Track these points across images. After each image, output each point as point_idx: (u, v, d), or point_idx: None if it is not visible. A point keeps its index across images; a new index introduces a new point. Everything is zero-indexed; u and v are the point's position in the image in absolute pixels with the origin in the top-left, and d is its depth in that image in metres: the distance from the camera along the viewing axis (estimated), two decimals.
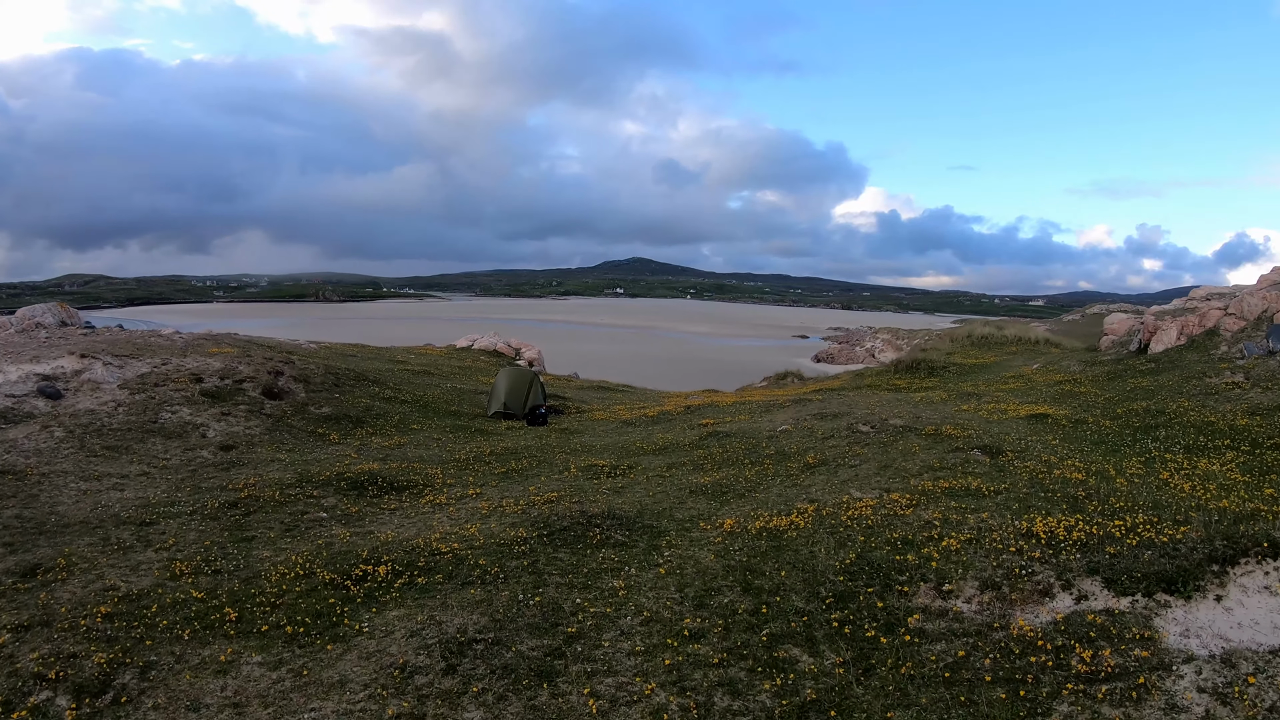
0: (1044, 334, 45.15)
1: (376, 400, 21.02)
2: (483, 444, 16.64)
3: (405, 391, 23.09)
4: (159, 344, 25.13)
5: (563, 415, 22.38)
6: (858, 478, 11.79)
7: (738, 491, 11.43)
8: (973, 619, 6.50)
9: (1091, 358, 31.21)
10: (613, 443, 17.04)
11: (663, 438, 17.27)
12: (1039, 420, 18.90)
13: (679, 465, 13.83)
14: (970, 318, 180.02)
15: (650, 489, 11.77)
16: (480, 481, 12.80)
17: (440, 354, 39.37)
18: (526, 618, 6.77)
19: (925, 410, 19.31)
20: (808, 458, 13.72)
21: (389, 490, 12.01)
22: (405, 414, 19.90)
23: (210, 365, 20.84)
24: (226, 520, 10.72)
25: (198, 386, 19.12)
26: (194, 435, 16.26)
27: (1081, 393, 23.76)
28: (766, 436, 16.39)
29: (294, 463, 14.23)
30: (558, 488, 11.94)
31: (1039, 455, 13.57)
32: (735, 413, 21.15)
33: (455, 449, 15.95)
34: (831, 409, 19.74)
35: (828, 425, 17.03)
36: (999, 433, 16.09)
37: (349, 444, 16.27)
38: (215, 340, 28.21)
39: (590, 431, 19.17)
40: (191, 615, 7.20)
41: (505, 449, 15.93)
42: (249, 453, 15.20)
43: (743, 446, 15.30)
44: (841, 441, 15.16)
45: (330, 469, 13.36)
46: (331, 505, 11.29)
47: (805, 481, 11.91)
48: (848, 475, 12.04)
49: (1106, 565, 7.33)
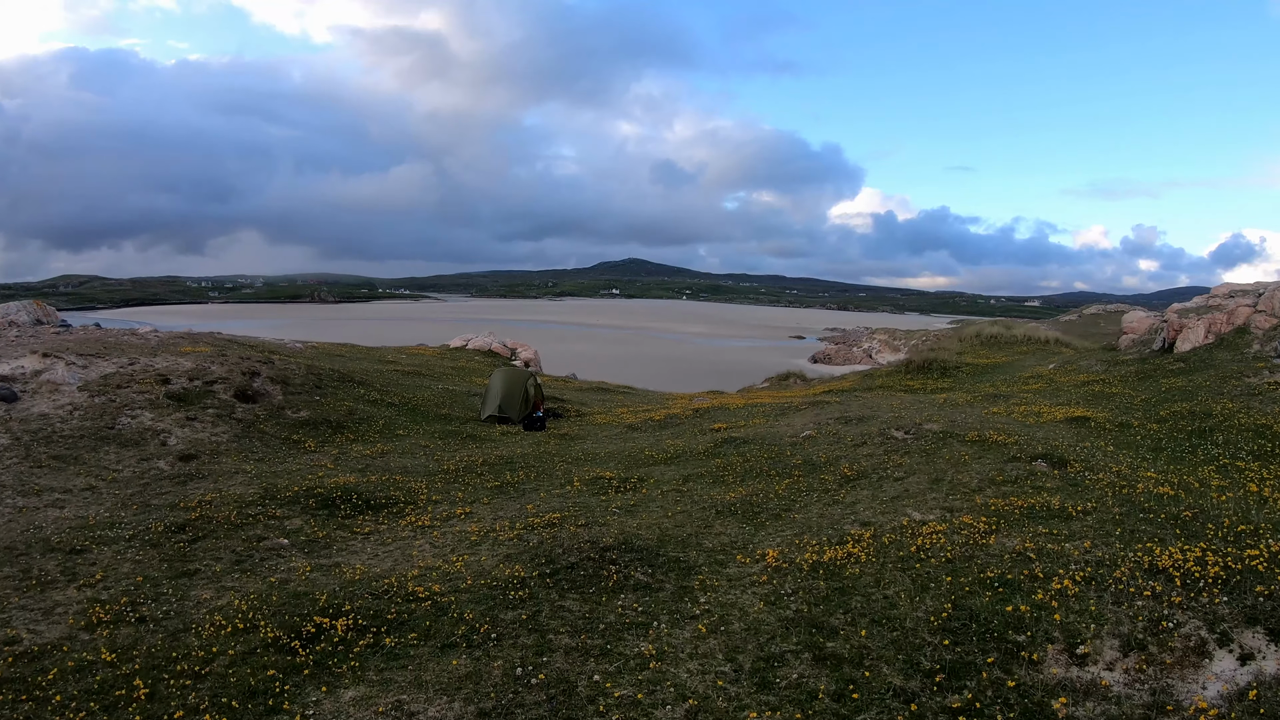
0: (1054, 334, 43.97)
1: (361, 403, 19.34)
2: (475, 452, 14.98)
3: (393, 394, 21.41)
4: (131, 343, 23.36)
5: (562, 419, 20.72)
6: (909, 494, 10.16)
7: (771, 510, 9.79)
8: (1128, 697, 4.88)
9: (1113, 357, 29.81)
10: (618, 450, 15.39)
11: (673, 444, 15.64)
12: (1079, 424, 17.32)
13: (696, 477, 12.19)
14: (966, 318, 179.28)
15: (668, 507, 10.12)
16: (471, 497, 11.13)
17: (433, 354, 37.65)
18: (528, 709, 5.02)
19: (955, 413, 17.71)
20: (843, 468, 12.09)
21: (365, 509, 10.34)
22: (391, 418, 18.22)
23: (180, 365, 19.13)
24: (170, 548, 9.03)
25: (164, 389, 17.40)
26: (153, 443, 14.56)
27: (1114, 394, 22.22)
28: (789, 443, 14.77)
29: (261, 475, 12.54)
30: (560, 505, 10.28)
31: (1107, 465, 11.97)
32: (748, 416, 19.52)
33: (444, 458, 14.27)
34: (854, 412, 18.14)
35: (855, 430, 15.42)
36: (1045, 438, 14.52)
37: (326, 452, 14.59)
38: (193, 339, 26.46)
39: (592, 437, 17.53)
40: (94, 688, 5.54)
41: (499, 458, 14.27)
42: (212, 463, 13.50)
43: (765, 455, 13.67)
44: (876, 449, 13.55)
45: (300, 483, 11.68)
46: (295, 529, 9.62)
47: (847, 498, 10.28)
48: (895, 490, 10.41)
49: (1266, 612, 5.73)
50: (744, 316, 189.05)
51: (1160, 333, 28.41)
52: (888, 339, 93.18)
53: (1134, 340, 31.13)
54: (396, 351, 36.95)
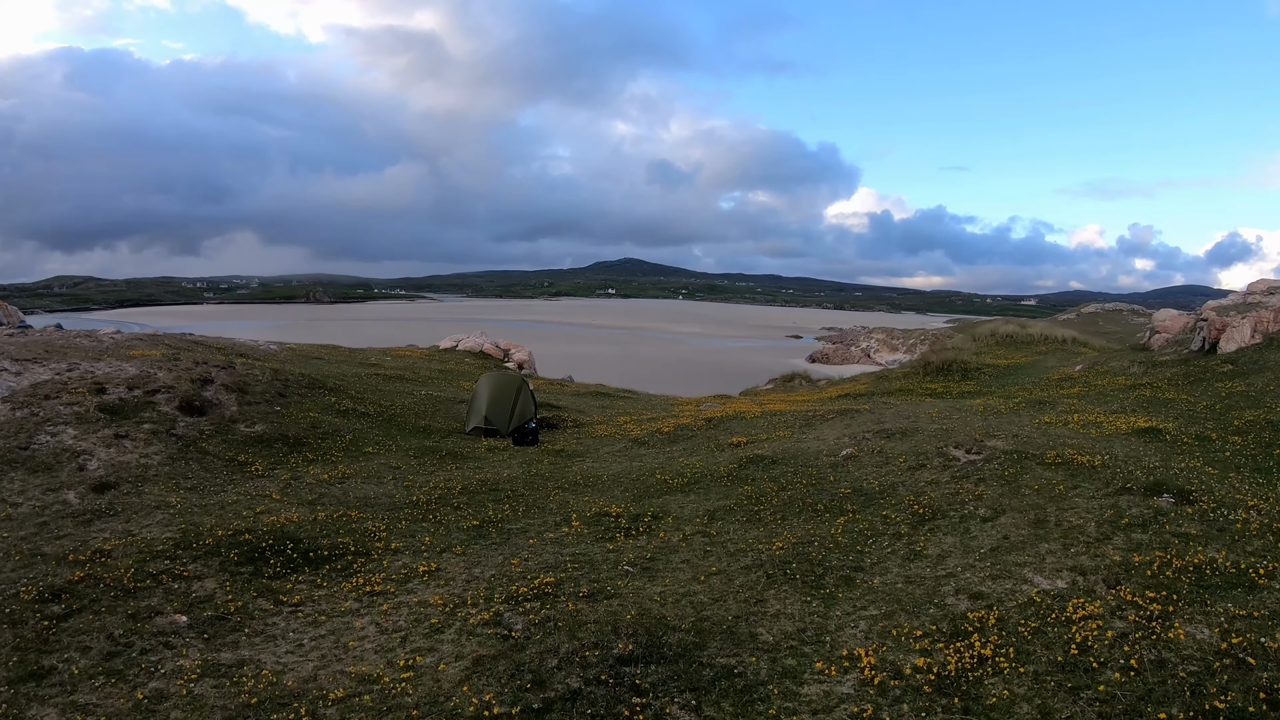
0: (1071, 333, 42.01)
1: (329, 413, 16.90)
2: (453, 475, 12.56)
3: (368, 401, 18.98)
4: (81, 346, 20.80)
5: (557, 430, 18.31)
6: (1013, 544, 7.81)
7: (836, 569, 7.42)
8: None
9: (1148, 358, 27.65)
10: (624, 472, 12.99)
11: (688, 464, 13.26)
12: (1152, 437, 15.02)
13: (724, 513, 9.81)
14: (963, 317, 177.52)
15: (697, 563, 7.73)
16: (441, 543, 8.72)
17: (420, 356, 35.15)
18: None
19: (1005, 424, 15.36)
20: (908, 501, 9.73)
21: (302, 563, 7.93)
22: (362, 431, 15.79)
23: (122, 372, 16.67)
24: (32, 627, 6.63)
25: (97, 399, 14.94)
26: (68, 467, 12.11)
27: (1169, 400, 19.93)
28: (828, 464, 12.39)
29: (186, 511, 10.12)
30: (554, 559, 7.89)
31: (1233, 496, 9.63)
32: (769, 427, 17.14)
33: (416, 484, 11.85)
34: (891, 423, 15.78)
35: (903, 447, 13.06)
36: (1133, 457, 12.22)
37: (275, 477, 12.16)
38: (153, 341, 23.92)
39: (593, 454, 15.12)
40: None
41: (482, 483, 11.86)
42: (132, 494, 11.06)
43: (803, 481, 11.29)
44: (939, 474, 11.18)
45: (230, 523, 9.26)
46: (205, 596, 7.22)
47: (930, 548, 7.92)
48: (990, 537, 8.05)
49: None
50: (740, 316, 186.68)
51: (1199, 332, 26.54)
52: (886, 338, 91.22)
53: (1168, 340, 29.20)
54: (381, 353, 34.46)
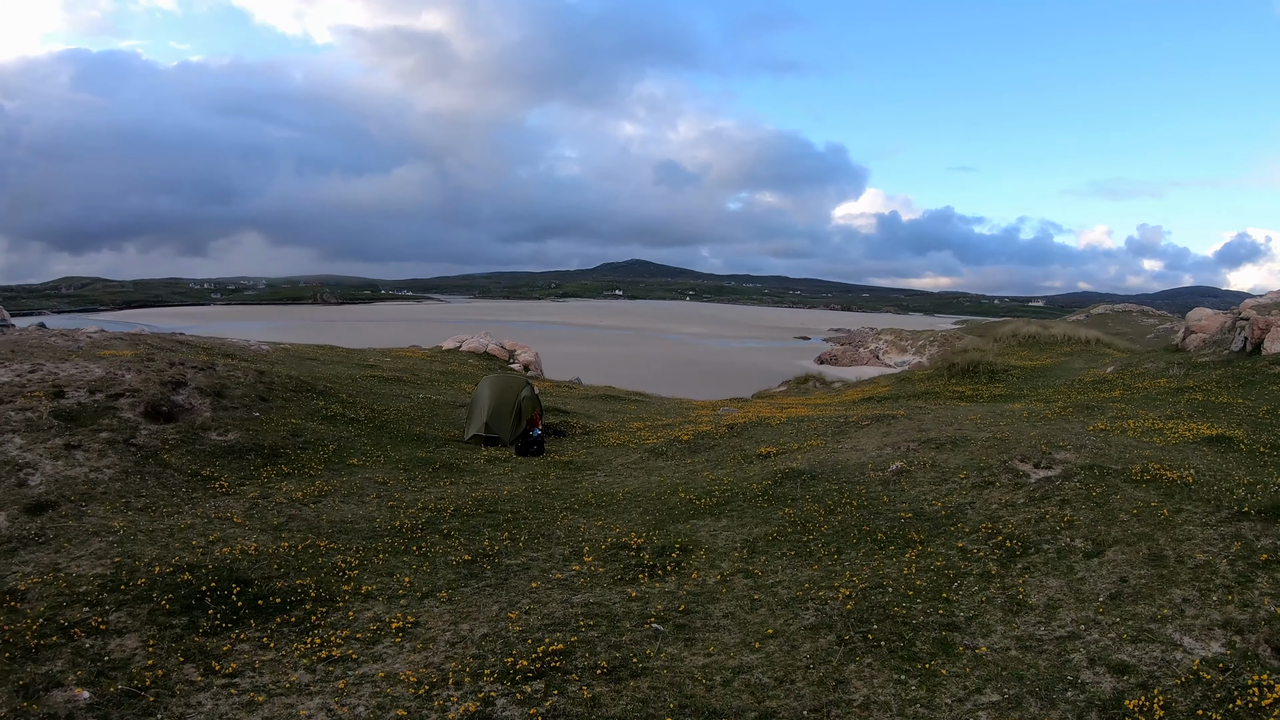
0: (1094, 333, 40.56)
1: (313, 419, 15.38)
2: (446, 492, 10.99)
3: (359, 406, 17.46)
4: (54, 346, 19.30)
5: (565, 438, 16.73)
6: (1134, 589, 6.23)
7: (924, 629, 5.82)
8: None
9: (1185, 359, 26.17)
10: (642, 489, 11.40)
11: (714, 479, 11.67)
12: (1226, 446, 13.39)
13: (767, 543, 8.21)
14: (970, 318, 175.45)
15: (745, 620, 6.11)
16: (424, 585, 7.14)
17: (422, 357, 33.64)
18: None
19: (1060, 432, 13.70)
20: (987, 530, 8.13)
21: (248, 615, 6.38)
22: (348, 440, 14.26)
23: (88, 373, 15.18)
24: None
25: (53, 404, 13.44)
26: (5, 483, 10.59)
27: (1223, 403, 18.34)
28: (876, 481, 10.79)
29: (128, 537, 8.58)
30: (562, 611, 6.30)
31: None
32: (799, 435, 15.54)
33: (403, 503, 10.29)
34: (935, 431, 14.16)
35: (959, 460, 11.45)
36: (1221, 472, 10.60)
37: (242, 495, 10.62)
38: (134, 341, 22.43)
39: (605, 466, 13.53)
40: None
41: (479, 502, 10.28)
42: (71, 517, 9.52)
43: (852, 502, 9.68)
44: (1011, 493, 9.57)
45: (174, 556, 7.72)
46: (121, 660, 5.69)
47: (1032, 595, 6.33)
48: (1106, 581, 6.45)
49: None
50: (748, 317, 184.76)
51: (1239, 332, 25.06)
52: (895, 340, 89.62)
53: (1205, 340, 27.68)
54: (381, 354, 32.98)
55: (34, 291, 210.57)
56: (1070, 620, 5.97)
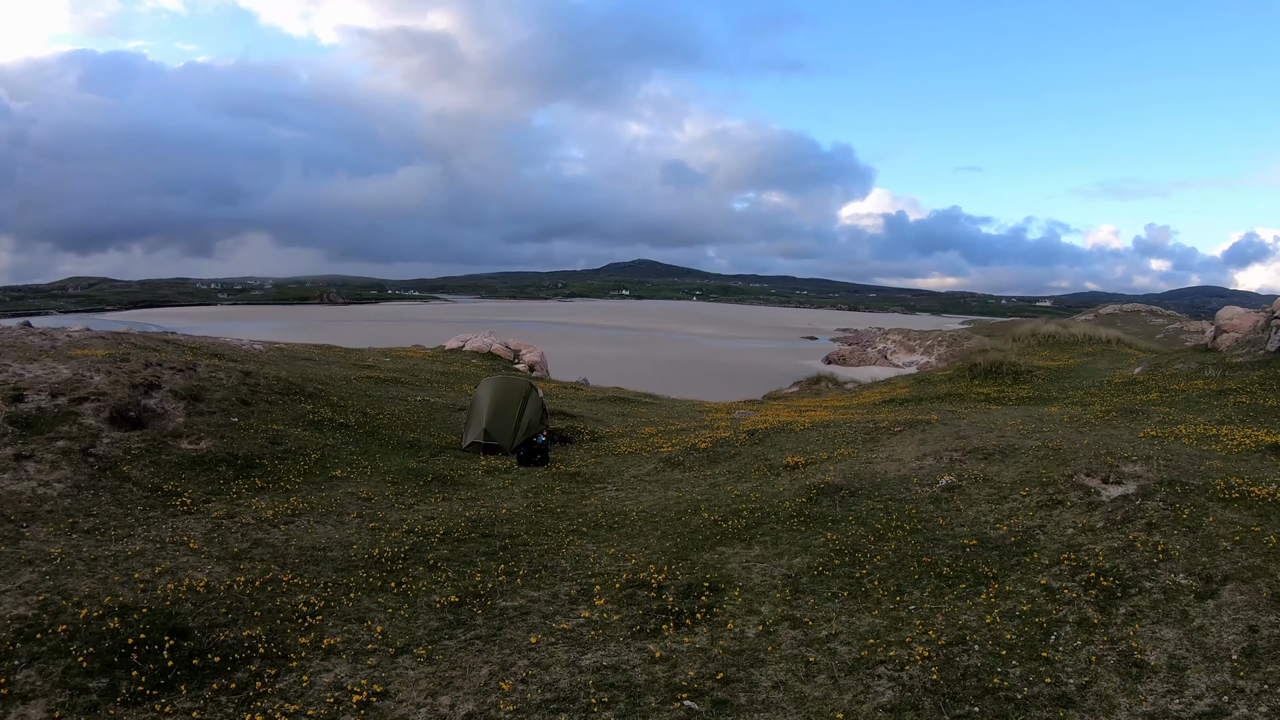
0: (1114, 333, 39.32)
1: (298, 425, 14.17)
2: (437, 510, 9.75)
3: (351, 409, 16.25)
4: (27, 345, 18.10)
5: (572, 445, 15.47)
6: (1271, 642, 4.98)
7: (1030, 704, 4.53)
8: None
9: (1218, 359, 24.89)
10: (659, 507, 10.14)
11: (739, 495, 10.41)
12: None
13: (812, 581, 6.93)
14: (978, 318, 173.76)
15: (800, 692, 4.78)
16: (400, 635, 5.87)
17: (423, 357, 32.44)
18: None
19: (1112, 440, 12.37)
20: (1069, 562, 6.84)
21: (180, 677, 5.14)
22: (333, 449, 13.04)
23: (54, 374, 14.00)
24: None
25: (9, 409, 12.26)
26: None
27: (1272, 407, 17.21)
28: (926, 498, 9.51)
29: (63, 567, 7.36)
30: (568, 679, 4.98)
31: None
32: (825, 443, 14.26)
33: (386, 524, 9.04)
34: (975, 438, 12.85)
35: (1014, 474, 10.14)
36: None
37: (205, 514, 9.39)
38: (115, 340, 21.26)
39: (616, 478, 12.27)
40: None
41: (473, 523, 9.04)
42: (7, 540, 8.27)
43: (904, 525, 8.40)
44: (1087, 516, 8.28)
45: (109, 592, 6.50)
46: None
47: (1149, 652, 5.07)
48: (1232, 631, 5.19)
49: None
50: (754, 317, 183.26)
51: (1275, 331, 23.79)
52: (903, 340, 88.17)
53: (1238, 340, 26.38)
54: (380, 354, 31.79)
55: (40, 292, 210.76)
56: (1205, 688, 4.71)
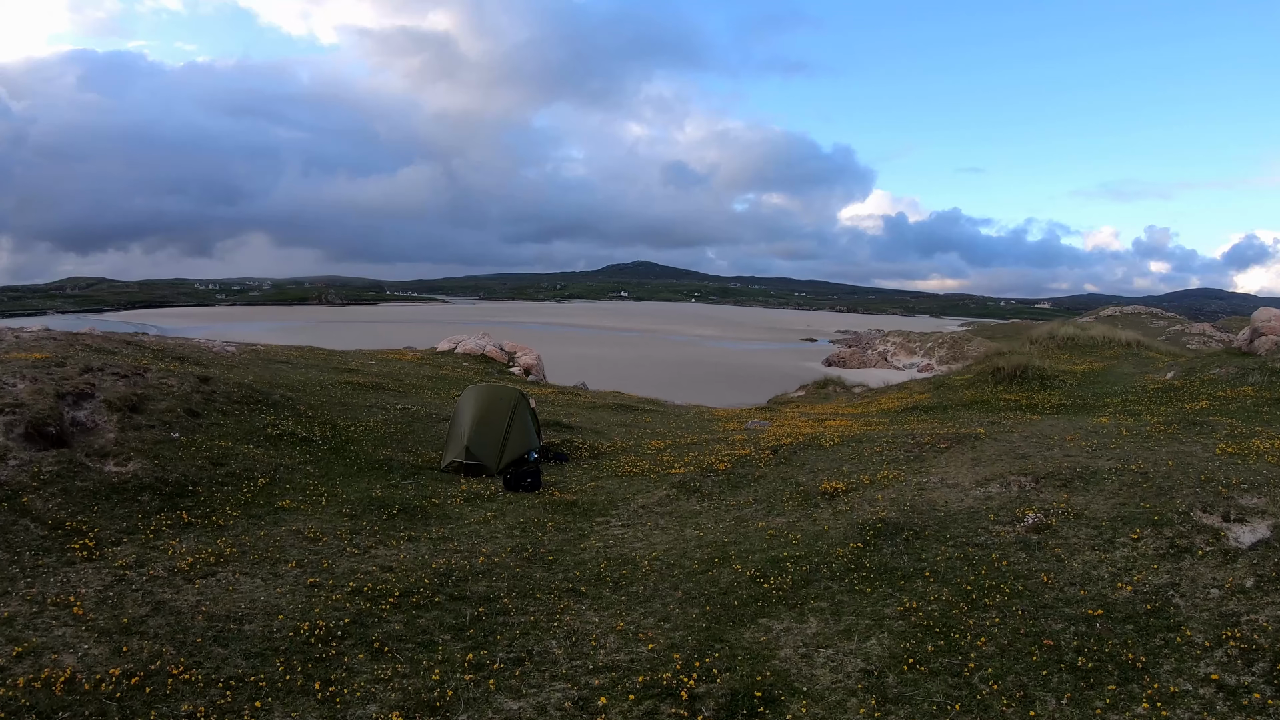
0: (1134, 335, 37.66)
1: (250, 441, 12.21)
2: (398, 558, 7.81)
3: (318, 421, 14.31)
4: None
5: (568, 463, 13.54)
6: None
7: None
8: None
9: (1260, 364, 23.29)
10: (676, 552, 8.20)
11: (772, 532, 8.49)
12: None
13: (905, 683, 5.03)
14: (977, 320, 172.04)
15: None
16: None
17: (412, 359, 30.42)
18: None
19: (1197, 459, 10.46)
20: (1237, 645, 4.97)
21: None
22: (287, 471, 11.08)
23: None
24: None
25: None
26: None
27: None
28: (1012, 542, 7.60)
29: None
30: None
31: None
32: (863, 462, 12.32)
33: (329, 579, 7.10)
34: (1037, 457, 10.93)
35: (1108, 507, 8.23)
36: None
37: (106, 562, 7.44)
38: (69, 341, 19.22)
39: (620, 508, 10.32)
40: None
41: (439, 579, 7.10)
42: None
43: (1000, 586, 6.47)
44: (1228, 569, 6.38)
45: None
46: None
47: None
48: None
49: None
50: (753, 318, 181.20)
51: None
52: (903, 341, 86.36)
53: (1276, 343, 24.62)
54: (366, 356, 29.79)
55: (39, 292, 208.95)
56: None
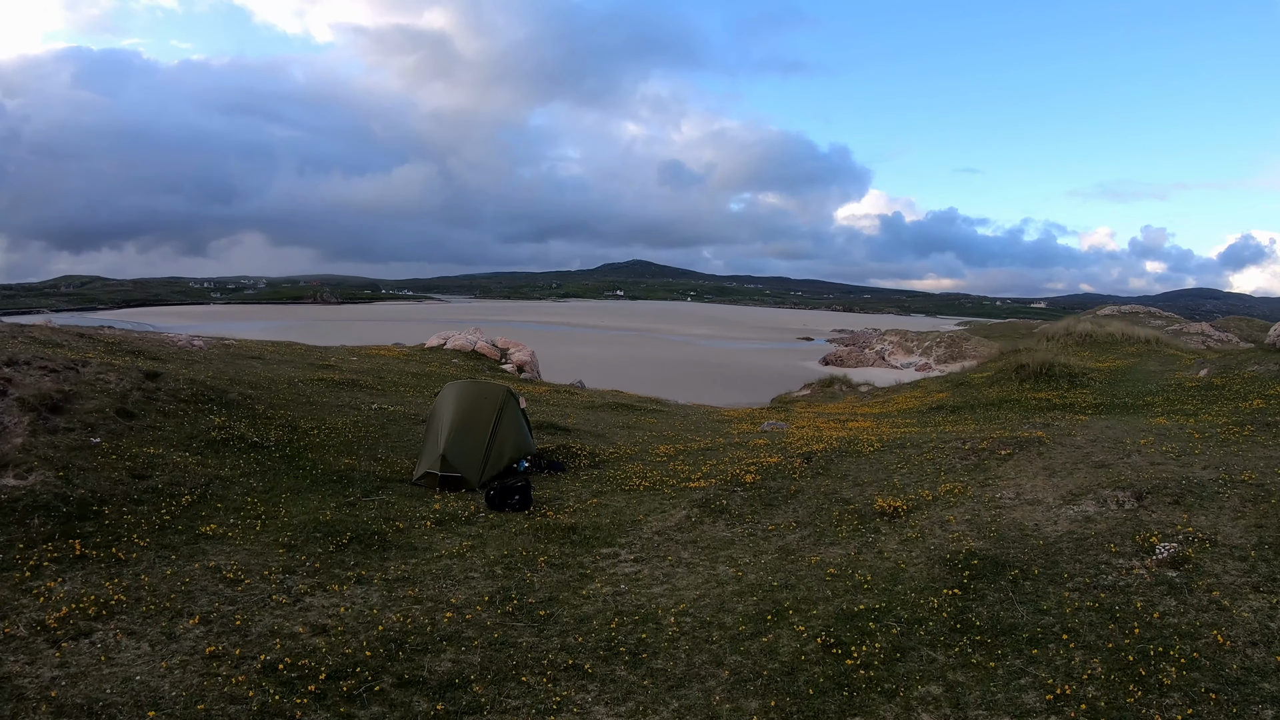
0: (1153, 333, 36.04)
1: (189, 447, 10.22)
2: (337, 611, 5.85)
3: (276, 423, 12.33)
4: None
5: (564, 474, 11.59)
6: None
7: None
8: None
9: None
10: (711, 601, 6.27)
11: (833, 571, 6.59)
12: None
13: None
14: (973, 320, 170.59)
15: None
16: None
17: (397, 355, 28.34)
18: None
19: None
20: None
21: None
22: (223, 485, 9.10)
23: None
24: None
25: None
26: None
27: None
28: (1152, 585, 5.73)
29: None
30: None
31: None
32: (913, 472, 10.39)
33: (236, 646, 5.15)
34: (1119, 466, 9.04)
35: (1243, 531, 6.38)
36: None
37: None
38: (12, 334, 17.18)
39: (629, 534, 8.38)
40: None
41: (387, 647, 5.14)
42: None
43: (1174, 657, 4.61)
44: None
45: None
46: None
47: None
48: None
49: None
50: (749, 318, 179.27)
51: None
52: (900, 340, 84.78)
53: None
54: (348, 352, 27.73)
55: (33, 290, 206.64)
56: None
